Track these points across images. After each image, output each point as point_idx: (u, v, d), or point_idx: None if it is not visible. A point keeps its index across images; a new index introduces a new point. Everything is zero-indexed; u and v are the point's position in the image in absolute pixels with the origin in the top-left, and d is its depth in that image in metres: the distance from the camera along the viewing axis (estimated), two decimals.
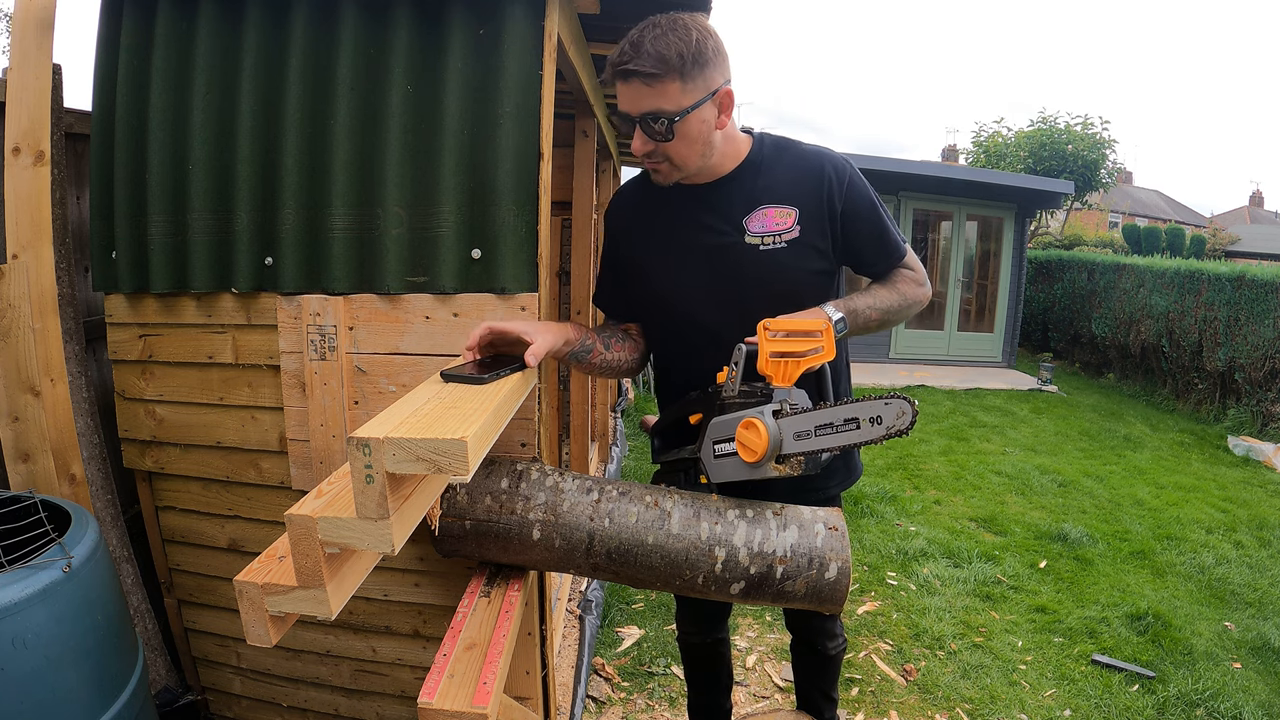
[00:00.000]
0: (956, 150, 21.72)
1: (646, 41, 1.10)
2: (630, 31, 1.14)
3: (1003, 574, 3.19)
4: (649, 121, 1.14)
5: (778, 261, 1.25)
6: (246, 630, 0.93)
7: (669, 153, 1.18)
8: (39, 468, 1.48)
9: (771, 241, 1.25)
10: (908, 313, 1.35)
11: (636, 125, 1.17)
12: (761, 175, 1.26)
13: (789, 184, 1.26)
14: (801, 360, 1.15)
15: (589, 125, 2.58)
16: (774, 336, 1.16)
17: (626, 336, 1.41)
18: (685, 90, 1.12)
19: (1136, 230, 18.29)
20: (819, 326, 1.16)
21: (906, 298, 1.34)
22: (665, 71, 1.10)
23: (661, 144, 1.17)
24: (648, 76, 1.10)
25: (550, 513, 1.27)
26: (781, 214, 1.25)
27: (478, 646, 1.15)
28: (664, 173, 1.23)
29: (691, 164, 1.21)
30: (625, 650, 2.47)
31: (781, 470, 1.15)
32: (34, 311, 1.46)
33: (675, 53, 1.09)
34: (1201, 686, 2.36)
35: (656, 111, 1.13)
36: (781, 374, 1.15)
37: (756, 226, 1.25)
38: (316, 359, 1.40)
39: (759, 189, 1.26)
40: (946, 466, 4.77)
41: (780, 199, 1.25)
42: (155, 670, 1.68)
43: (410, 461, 0.84)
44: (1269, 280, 6.24)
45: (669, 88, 1.11)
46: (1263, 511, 4.20)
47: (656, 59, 1.09)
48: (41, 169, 1.47)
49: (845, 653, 1.74)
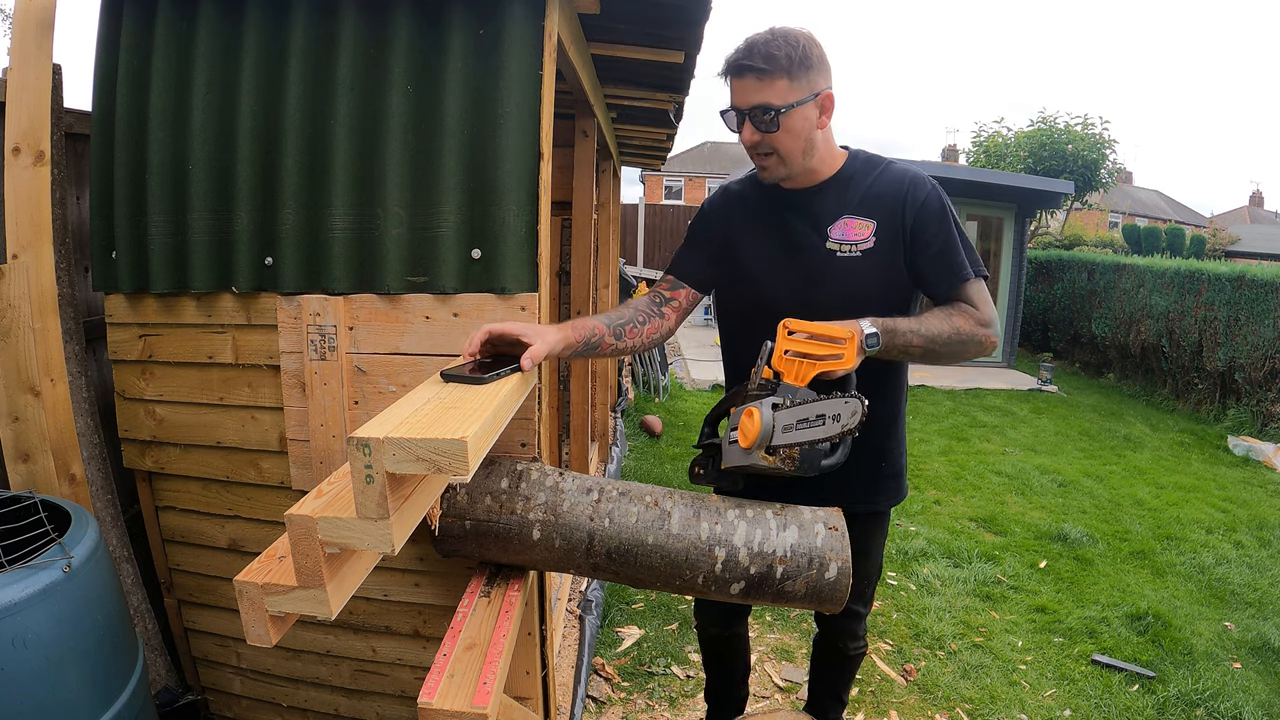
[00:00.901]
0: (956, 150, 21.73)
1: (759, 44, 1.24)
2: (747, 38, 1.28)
3: (1003, 574, 3.19)
4: (758, 113, 1.26)
5: (851, 269, 1.34)
6: (246, 630, 0.93)
7: (776, 144, 1.29)
8: (39, 468, 1.48)
9: (849, 250, 1.34)
10: (960, 349, 1.30)
11: (746, 118, 1.27)
12: (850, 188, 1.36)
13: (872, 198, 1.35)
14: (818, 364, 1.18)
15: (589, 125, 2.58)
16: (792, 336, 1.22)
17: (653, 315, 1.43)
18: (791, 88, 1.24)
19: (1136, 230, 18.30)
20: (844, 335, 1.19)
21: (960, 331, 1.29)
22: (774, 69, 1.23)
23: (768, 135, 1.27)
24: (759, 72, 1.23)
25: (550, 513, 1.27)
26: (861, 225, 1.34)
27: (478, 646, 1.15)
28: (770, 167, 1.33)
29: (795, 159, 1.31)
30: (625, 650, 2.47)
31: (771, 461, 1.19)
32: (34, 311, 1.46)
33: (784, 54, 1.22)
34: (1201, 686, 2.36)
35: (765, 105, 1.25)
36: (794, 373, 1.20)
37: (837, 234, 1.35)
38: (316, 359, 1.40)
39: (845, 200, 1.36)
40: (946, 466, 4.77)
41: (862, 211, 1.35)
42: (155, 670, 1.68)
43: (410, 461, 0.84)
44: (1269, 280, 6.24)
45: (777, 84, 1.24)
46: (1263, 511, 4.20)
47: (767, 57, 1.22)
48: (41, 169, 1.47)
49: (862, 659, 1.79)
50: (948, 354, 1.30)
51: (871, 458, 1.46)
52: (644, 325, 1.39)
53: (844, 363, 1.18)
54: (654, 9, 1.70)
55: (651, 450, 4.81)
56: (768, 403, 1.19)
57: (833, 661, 1.79)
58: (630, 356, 6.10)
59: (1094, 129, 13.61)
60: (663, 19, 1.78)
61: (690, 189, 26.03)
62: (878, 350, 1.23)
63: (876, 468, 1.49)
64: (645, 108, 2.86)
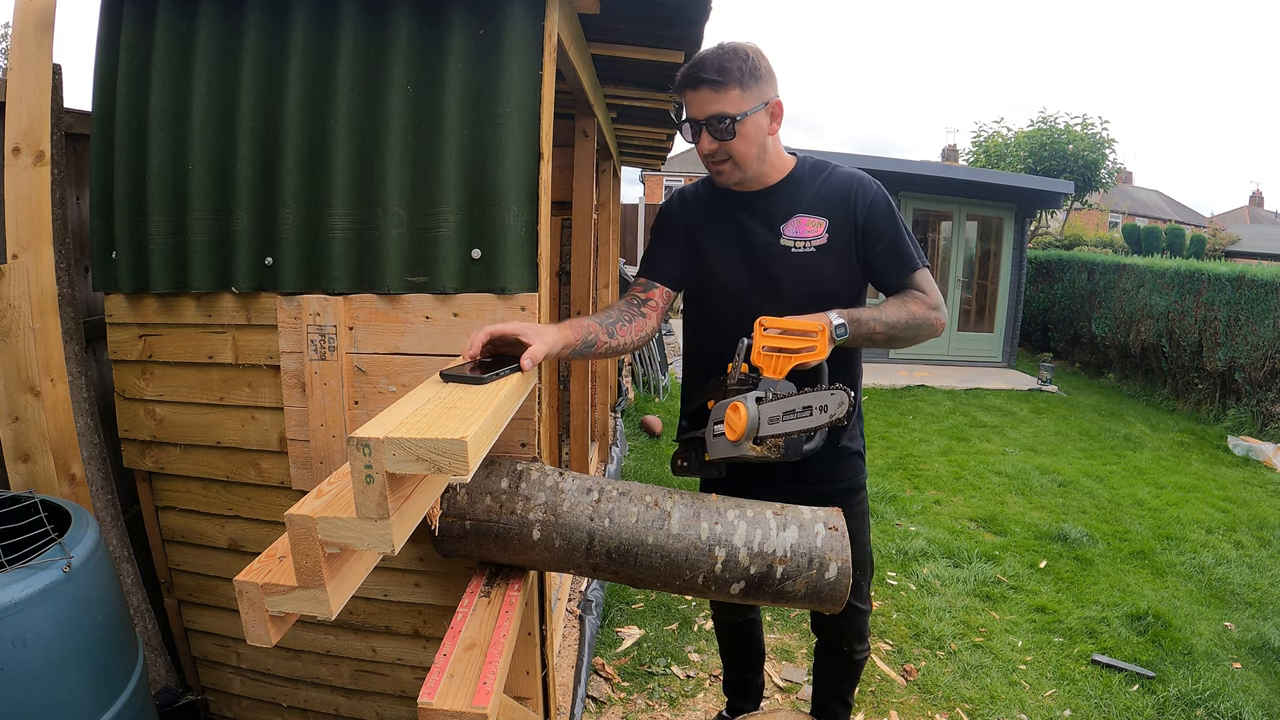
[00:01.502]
0: (956, 150, 21.73)
1: (711, 58, 1.31)
2: (696, 54, 1.37)
3: (1003, 574, 3.19)
4: (714, 122, 1.33)
5: (806, 264, 1.43)
6: (246, 630, 0.93)
7: (731, 150, 1.36)
8: (39, 468, 1.48)
9: (803, 245, 1.43)
10: (916, 332, 1.41)
11: (703, 127, 1.35)
12: (800, 189, 1.45)
13: (823, 198, 1.44)
14: (794, 356, 1.28)
15: (589, 125, 2.58)
16: (768, 332, 1.30)
17: (635, 315, 1.47)
18: (744, 97, 1.32)
19: (1136, 230, 18.29)
20: (815, 328, 1.28)
21: (915, 316, 1.41)
22: (727, 80, 1.30)
23: (725, 142, 1.35)
24: (714, 84, 1.31)
25: (550, 513, 1.27)
26: (814, 223, 1.43)
27: (478, 646, 1.15)
28: (726, 172, 1.40)
29: (750, 163, 1.39)
30: (625, 650, 2.47)
31: (759, 451, 1.25)
32: (34, 311, 1.46)
33: (735, 66, 1.30)
34: (1201, 686, 2.36)
35: (720, 114, 1.32)
36: (772, 366, 1.28)
37: (791, 232, 1.43)
38: (316, 359, 1.40)
39: (797, 200, 1.44)
40: (946, 466, 4.77)
41: (814, 210, 1.43)
42: (155, 670, 1.68)
43: (410, 461, 0.84)
44: (1269, 280, 6.23)
45: (730, 94, 1.31)
46: (1263, 511, 4.20)
47: (719, 69, 1.30)
48: (41, 169, 1.47)
49: (865, 661, 1.80)
50: (905, 337, 1.41)
51: (834, 437, 1.51)
52: (630, 324, 1.44)
53: (816, 354, 1.27)
54: (654, 9, 1.70)
55: (651, 450, 4.81)
56: (751, 397, 1.25)
57: (839, 666, 1.80)
58: (630, 356, 6.12)
59: (1094, 129, 13.61)
60: (663, 19, 1.78)
61: None
62: (845, 338, 1.31)
63: (841, 447, 1.55)
64: (645, 108, 2.86)
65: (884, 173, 8.00)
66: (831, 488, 1.54)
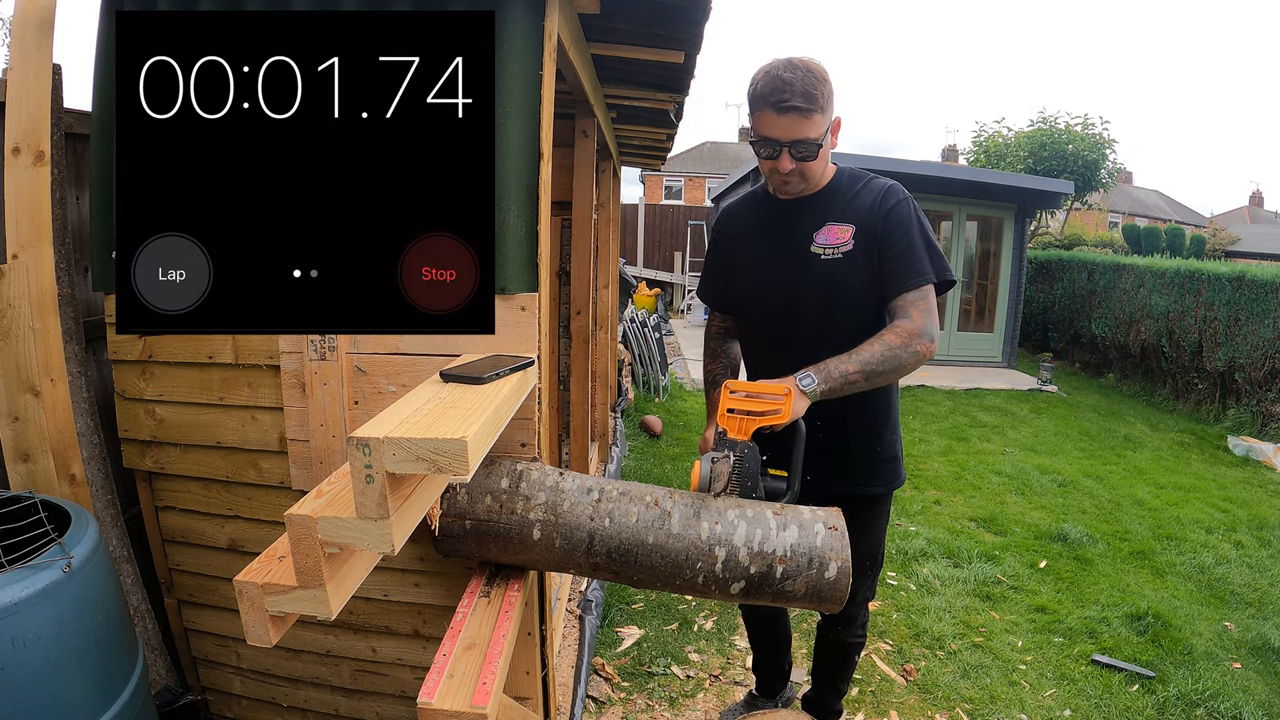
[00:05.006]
0: (956, 150, 21.73)
1: (796, 83, 1.33)
2: (768, 68, 1.37)
3: (1003, 574, 3.19)
4: (801, 147, 1.38)
5: (832, 270, 1.47)
6: (246, 630, 0.93)
7: (806, 170, 1.42)
8: (39, 468, 1.48)
9: (831, 253, 1.47)
10: (896, 365, 1.37)
11: (785, 149, 1.38)
12: (836, 199, 1.50)
13: (854, 207, 1.48)
14: (757, 419, 1.31)
15: (589, 125, 2.58)
16: (733, 395, 1.33)
17: (729, 342, 1.71)
18: (823, 120, 1.38)
19: (1136, 230, 18.29)
20: (780, 391, 1.31)
21: (891, 347, 1.37)
22: (814, 107, 1.35)
23: (803, 163, 1.40)
24: (803, 111, 1.35)
25: (550, 512, 1.27)
26: (842, 230, 1.47)
27: (477, 646, 1.15)
28: (794, 184, 1.46)
29: (817, 177, 1.46)
30: (625, 650, 2.47)
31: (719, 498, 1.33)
32: (34, 311, 1.46)
33: (819, 92, 1.35)
34: (1201, 686, 2.36)
35: (807, 139, 1.37)
36: (736, 428, 1.31)
37: (821, 239, 1.48)
38: (316, 359, 1.40)
39: (831, 208, 1.49)
40: (946, 466, 4.77)
41: (844, 218, 1.47)
42: (155, 670, 1.68)
43: (410, 461, 0.84)
44: (1269, 280, 6.23)
45: (815, 119, 1.36)
46: (1263, 511, 4.20)
47: (807, 96, 1.34)
48: (41, 169, 1.47)
49: (862, 649, 1.89)
50: (887, 370, 1.37)
51: (868, 443, 1.59)
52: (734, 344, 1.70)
53: (781, 417, 1.30)
54: (654, 9, 1.71)
55: (651, 450, 4.81)
56: (708, 457, 1.33)
57: (833, 651, 1.87)
58: (630, 356, 6.14)
59: (1094, 129, 13.60)
60: (663, 19, 1.78)
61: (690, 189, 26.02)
62: (816, 387, 1.33)
63: (873, 453, 1.59)
64: (645, 108, 2.86)
65: (884, 173, 7.98)
66: (872, 491, 1.61)
